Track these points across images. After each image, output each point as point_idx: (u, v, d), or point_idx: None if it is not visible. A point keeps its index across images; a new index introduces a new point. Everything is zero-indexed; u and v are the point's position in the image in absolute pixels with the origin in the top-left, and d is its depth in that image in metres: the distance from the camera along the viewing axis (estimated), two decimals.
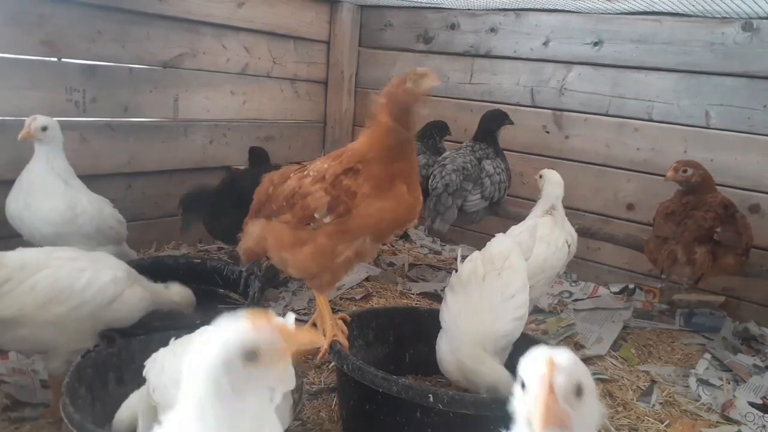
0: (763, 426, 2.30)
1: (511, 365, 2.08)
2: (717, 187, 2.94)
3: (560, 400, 0.93)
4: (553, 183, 2.84)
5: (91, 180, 2.70)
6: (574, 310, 3.28)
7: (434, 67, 4.21)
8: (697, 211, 2.76)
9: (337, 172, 1.99)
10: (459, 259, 2.33)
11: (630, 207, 3.60)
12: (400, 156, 1.99)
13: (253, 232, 2.22)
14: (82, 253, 2.06)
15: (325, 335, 2.04)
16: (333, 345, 2.00)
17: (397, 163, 1.98)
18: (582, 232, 3.28)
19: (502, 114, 3.47)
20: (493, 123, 3.45)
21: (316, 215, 1.98)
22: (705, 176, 2.85)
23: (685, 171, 2.82)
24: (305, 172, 2.10)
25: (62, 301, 1.90)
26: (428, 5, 4.11)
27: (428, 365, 2.31)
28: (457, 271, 2.26)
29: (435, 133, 3.75)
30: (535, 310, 3.17)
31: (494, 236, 2.38)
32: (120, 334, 2.12)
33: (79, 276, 1.95)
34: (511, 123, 3.47)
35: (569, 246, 2.78)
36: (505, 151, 3.52)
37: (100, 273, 2.00)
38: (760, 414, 2.35)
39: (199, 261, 2.92)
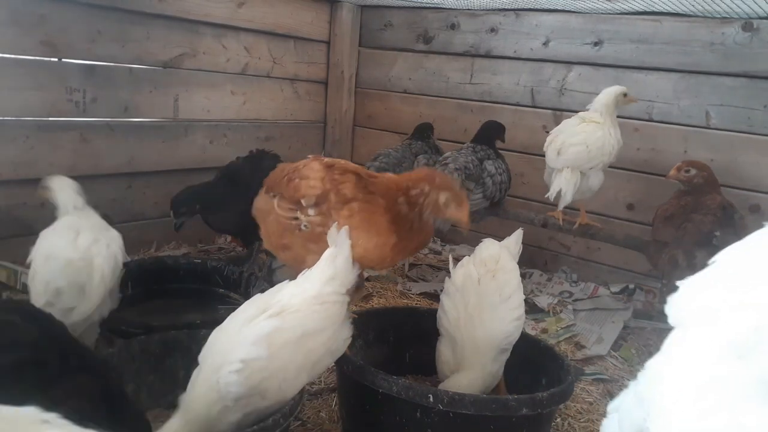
0: None
1: (511, 366, 2.12)
2: None
3: None
4: None
5: (91, 180, 2.70)
6: (574, 310, 3.27)
7: (434, 67, 4.23)
8: (696, 215, 2.71)
9: (345, 192, 1.97)
10: (451, 263, 2.32)
11: (630, 207, 3.60)
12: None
13: (259, 206, 2.24)
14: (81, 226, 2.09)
15: None
16: None
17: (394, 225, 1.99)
18: (582, 232, 3.28)
19: (500, 128, 3.48)
20: (491, 132, 3.47)
21: (303, 202, 1.97)
22: (709, 178, 2.79)
23: (687, 171, 2.79)
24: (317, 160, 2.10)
25: (113, 271, 2.04)
26: (428, 5, 4.11)
27: (428, 365, 2.31)
28: (450, 276, 2.26)
29: (430, 134, 3.85)
30: (535, 310, 3.18)
31: (482, 240, 2.38)
32: (120, 334, 2.12)
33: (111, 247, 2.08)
34: (503, 141, 3.50)
35: (615, 147, 3.02)
36: (505, 151, 3.53)
37: (111, 233, 2.15)
38: None
39: (199, 261, 2.91)
